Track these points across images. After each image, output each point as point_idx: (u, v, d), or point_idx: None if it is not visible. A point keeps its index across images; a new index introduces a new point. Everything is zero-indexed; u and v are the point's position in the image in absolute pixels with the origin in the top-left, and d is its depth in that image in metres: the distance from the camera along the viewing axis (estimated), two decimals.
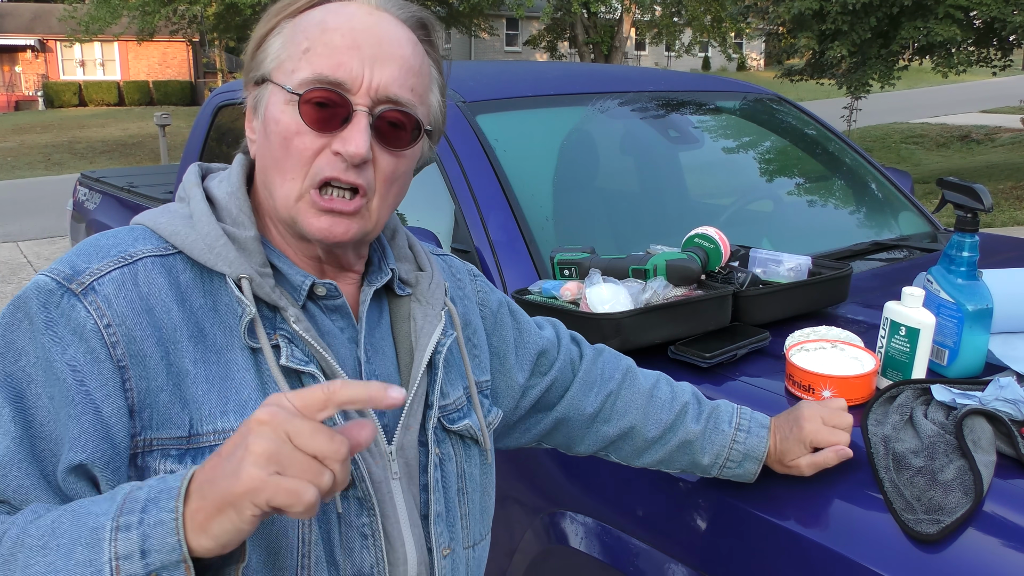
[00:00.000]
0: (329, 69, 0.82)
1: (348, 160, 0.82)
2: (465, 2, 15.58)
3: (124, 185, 3.73)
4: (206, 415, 0.79)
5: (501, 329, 1.12)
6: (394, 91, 0.84)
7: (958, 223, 1.44)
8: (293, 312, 0.84)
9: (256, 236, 0.86)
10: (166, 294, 0.81)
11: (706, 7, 16.95)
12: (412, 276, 0.98)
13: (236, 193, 0.89)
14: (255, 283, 0.83)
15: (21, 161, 16.50)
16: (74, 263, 0.80)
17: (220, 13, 15.27)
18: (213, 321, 0.83)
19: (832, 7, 10.52)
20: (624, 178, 2.41)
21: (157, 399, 0.78)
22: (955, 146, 15.09)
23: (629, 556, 1.38)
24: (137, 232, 0.86)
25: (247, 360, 0.82)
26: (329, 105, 0.82)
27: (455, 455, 0.97)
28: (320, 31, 0.84)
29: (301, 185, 0.84)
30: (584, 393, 1.19)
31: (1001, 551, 1.03)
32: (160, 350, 0.79)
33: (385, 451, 0.89)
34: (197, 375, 0.80)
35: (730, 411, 1.22)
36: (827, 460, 1.16)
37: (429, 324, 0.95)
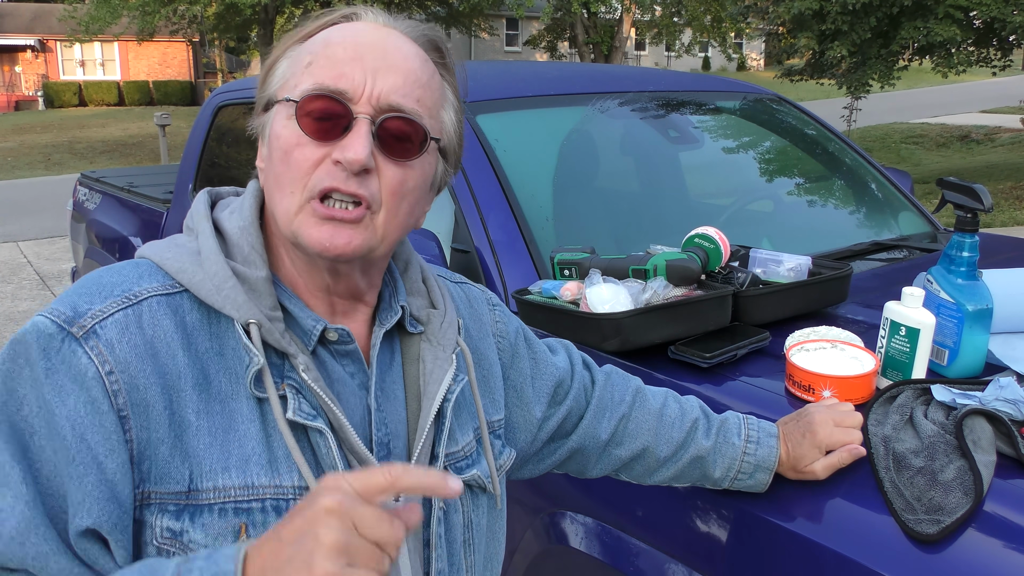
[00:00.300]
0: (330, 79, 0.80)
1: (348, 167, 0.78)
2: (465, 2, 15.59)
3: (124, 185, 3.73)
4: (207, 471, 0.76)
5: (518, 361, 1.08)
6: (396, 99, 0.81)
7: (958, 223, 1.43)
8: (303, 360, 0.80)
9: (267, 277, 0.82)
10: (171, 337, 0.77)
11: (706, 7, 16.96)
12: (424, 314, 0.94)
13: (248, 228, 0.84)
14: (264, 329, 0.79)
15: (21, 161, 16.50)
16: (75, 304, 0.76)
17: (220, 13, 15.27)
18: (219, 366, 0.79)
19: (832, 7, 10.52)
20: (624, 178, 2.41)
21: (157, 451, 0.75)
22: (955, 146, 15.09)
23: (629, 556, 1.38)
24: (143, 268, 0.82)
25: (252, 410, 0.79)
26: (329, 115, 0.79)
27: (461, 506, 0.93)
28: (323, 46, 0.82)
29: (300, 197, 0.80)
30: (598, 420, 1.15)
31: (1001, 551, 1.03)
32: (163, 399, 0.75)
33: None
34: (200, 427, 0.76)
35: (738, 423, 1.21)
36: (841, 460, 1.16)
37: (439, 369, 0.91)
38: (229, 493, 0.76)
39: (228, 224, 0.85)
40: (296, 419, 0.78)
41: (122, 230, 3.50)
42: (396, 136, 0.81)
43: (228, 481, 0.76)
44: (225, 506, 0.76)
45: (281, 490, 0.78)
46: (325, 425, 0.80)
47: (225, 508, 0.76)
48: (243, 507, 0.76)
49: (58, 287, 6.70)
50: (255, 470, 0.77)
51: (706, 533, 1.28)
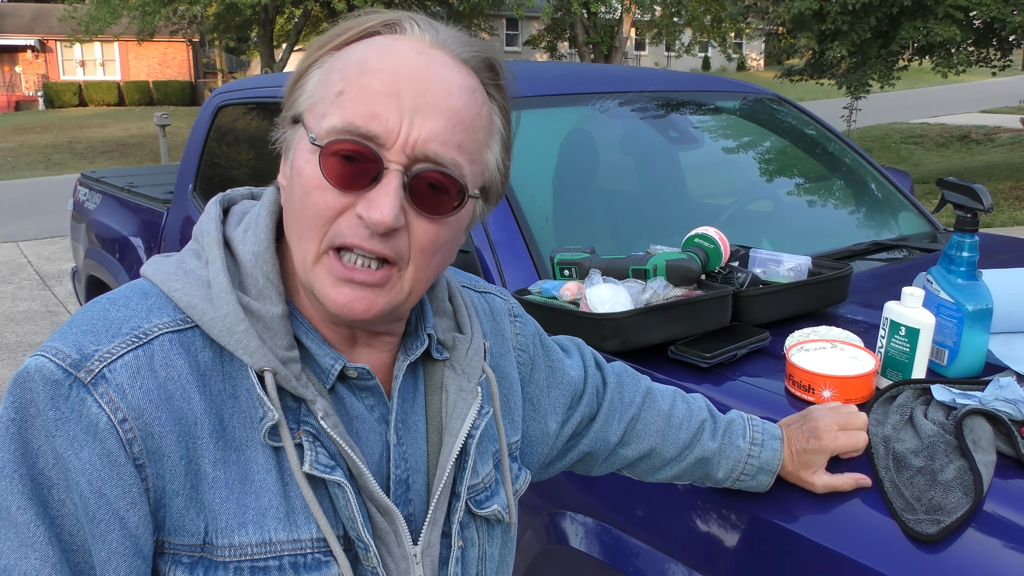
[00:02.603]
0: (362, 119, 0.70)
1: (372, 228, 0.70)
2: (465, 2, 15.59)
3: (124, 185, 3.73)
4: (223, 527, 0.71)
5: (536, 373, 1.03)
6: (434, 148, 0.71)
7: (958, 223, 1.44)
8: (321, 405, 0.74)
9: (283, 313, 0.75)
10: (186, 380, 0.71)
11: (706, 7, 16.97)
12: (450, 338, 0.87)
13: (263, 255, 0.76)
14: (280, 376, 0.73)
15: (21, 161, 16.50)
16: (80, 344, 0.69)
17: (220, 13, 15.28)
18: (233, 410, 0.73)
19: (832, 7, 10.53)
20: (624, 178, 2.41)
21: (172, 502, 0.70)
22: (955, 146, 15.09)
23: (629, 556, 1.38)
24: (151, 300, 0.74)
25: (268, 459, 0.74)
26: (357, 159, 0.70)
27: (478, 539, 0.89)
28: (359, 72, 0.72)
29: (318, 247, 0.73)
30: (609, 422, 1.12)
31: (1001, 551, 1.03)
32: (180, 448, 0.70)
33: (410, 554, 0.80)
34: (216, 478, 0.71)
35: (743, 425, 1.20)
36: (844, 484, 1.16)
37: (463, 402, 0.84)
38: (246, 551, 0.72)
39: (242, 248, 0.78)
40: (314, 472, 0.73)
41: (122, 230, 3.50)
42: (432, 188, 0.72)
43: (245, 538, 0.72)
44: (241, 565, 0.72)
45: (299, 544, 0.74)
46: (344, 476, 0.75)
47: (241, 567, 0.72)
48: (259, 565, 0.73)
49: (58, 287, 6.70)
50: (272, 524, 0.73)
51: (706, 533, 1.28)
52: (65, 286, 6.69)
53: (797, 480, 1.19)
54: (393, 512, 0.78)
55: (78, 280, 4.17)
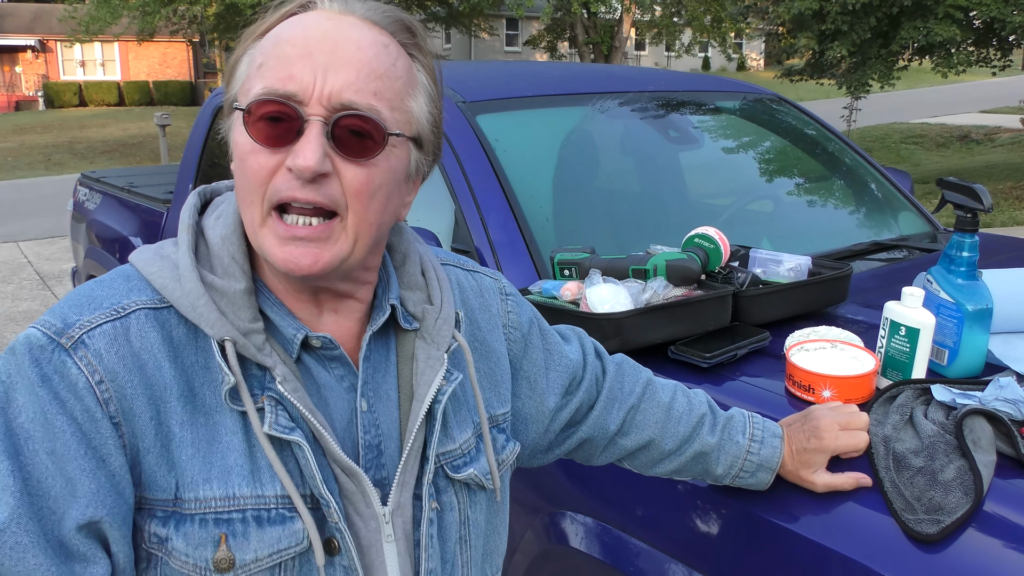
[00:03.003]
0: (279, 82, 0.76)
1: (300, 175, 0.75)
2: (465, 2, 15.58)
3: (124, 185, 3.73)
4: (189, 482, 0.77)
5: (531, 352, 1.06)
6: (349, 96, 0.76)
7: (958, 223, 1.44)
8: (280, 371, 0.80)
9: (246, 289, 0.81)
10: (158, 350, 0.78)
11: (706, 7, 16.95)
12: (420, 309, 0.91)
13: (229, 237, 0.83)
14: (239, 344, 0.79)
15: (21, 161, 16.50)
16: (65, 315, 0.77)
17: (220, 13, 15.27)
18: (204, 380, 0.79)
19: (832, 7, 10.53)
20: (624, 178, 2.41)
21: (145, 459, 0.77)
22: (955, 146, 15.09)
23: (629, 556, 1.38)
24: (132, 282, 0.82)
25: (235, 423, 0.79)
26: (280, 119, 0.76)
27: (458, 503, 0.92)
28: (274, 44, 0.78)
29: (261, 210, 0.78)
30: (608, 410, 1.14)
31: (1001, 551, 1.03)
32: (150, 409, 0.77)
33: (379, 513, 0.85)
34: (183, 438, 0.77)
35: (743, 421, 1.20)
36: (844, 484, 1.16)
37: (430, 369, 0.88)
38: (210, 504, 0.77)
39: (212, 233, 0.85)
40: (273, 433, 0.78)
41: (122, 230, 3.50)
42: (353, 132, 0.77)
43: (209, 492, 0.77)
44: (206, 517, 0.77)
45: (263, 500, 0.79)
46: (303, 437, 0.79)
47: (206, 519, 0.77)
48: (223, 518, 0.77)
49: (58, 287, 6.70)
50: (237, 481, 0.78)
51: (706, 533, 1.28)
52: (65, 286, 6.69)
53: (797, 479, 1.19)
54: (357, 473, 0.82)
55: (78, 280, 4.17)
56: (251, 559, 0.78)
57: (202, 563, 0.77)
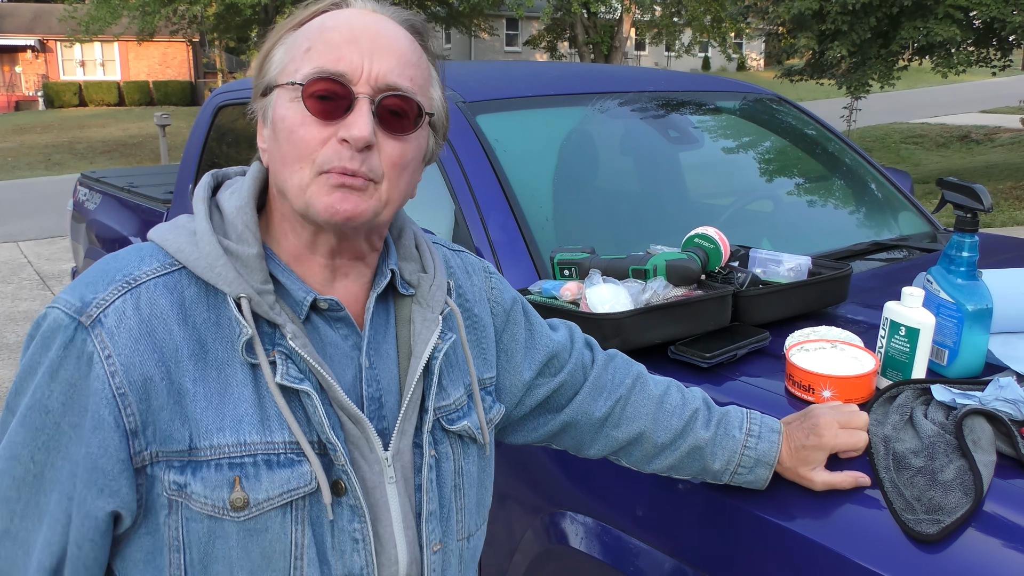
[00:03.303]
0: (330, 63, 0.85)
1: (353, 144, 0.84)
2: (465, 2, 15.59)
3: (124, 185, 3.73)
4: (203, 431, 0.84)
5: (513, 327, 1.14)
6: (393, 79, 0.87)
7: (958, 223, 1.44)
8: (291, 329, 0.87)
9: (258, 253, 0.88)
10: (168, 314, 0.85)
11: (706, 7, 16.96)
12: (415, 278, 1.00)
13: (244, 208, 0.91)
14: (254, 302, 0.86)
15: (21, 161, 16.50)
16: (83, 294, 0.84)
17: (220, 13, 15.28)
18: (216, 336, 0.86)
19: (832, 7, 10.53)
20: (624, 178, 2.41)
21: (159, 417, 0.83)
22: (955, 146, 15.09)
23: (629, 556, 1.38)
24: (145, 251, 0.89)
25: (246, 375, 0.86)
26: (332, 96, 0.85)
27: (453, 454, 1.00)
28: (320, 31, 0.88)
29: (310, 172, 0.86)
30: (593, 398, 1.19)
31: (1001, 551, 1.03)
32: (161, 370, 0.84)
33: (381, 457, 0.92)
34: (196, 393, 0.84)
35: (740, 417, 1.21)
36: (843, 482, 1.16)
37: (427, 329, 0.97)
38: (223, 450, 0.84)
39: (227, 204, 0.92)
40: (284, 382, 0.85)
41: (122, 230, 3.50)
42: (394, 113, 0.87)
43: (222, 440, 0.84)
44: (220, 462, 0.84)
45: (272, 446, 0.86)
46: (311, 387, 0.87)
47: (220, 463, 0.84)
48: (236, 462, 0.85)
49: (58, 287, 6.70)
50: (247, 429, 0.85)
51: (706, 533, 1.28)
52: (65, 286, 6.69)
53: (796, 477, 1.19)
54: (362, 419, 0.91)
55: None
56: (264, 498, 0.85)
57: (220, 503, 0.84)
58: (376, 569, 0.92)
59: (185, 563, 0.85)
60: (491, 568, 1.70)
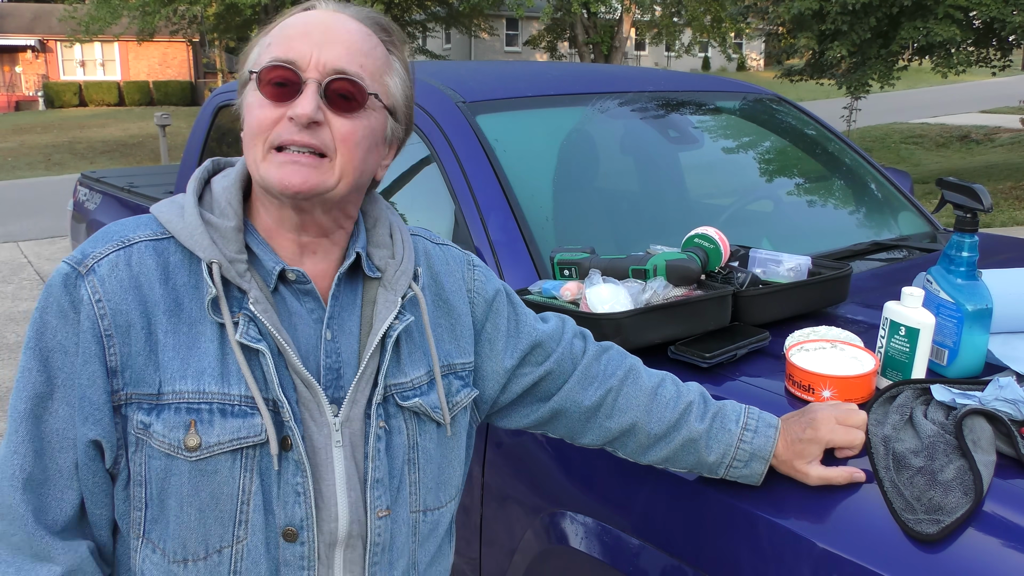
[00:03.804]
0: (283, 53, 0.96)
1: (296, 120, 0.94)
2: (465, 2, 15.58)
3: (124, 185, 3.73)
4: (168, 378, 0.95)
5: (496, 317, 1.20)
6: (340, 65, 0.96)
7: (958, 223, 1.44)
8: (255, 295, 0.97)
9: (236, 227, 0.99)
10: (153, 273, 0.96)
11: (706, 7, 16.96)
12: (384, 263, 1.08)
13: (230, 187, 1.03)
14: (224, 268, 0.96)
15: (21, 161, 16.50)
16: (84, 249, 0.97)
17: (220, 13, 15.27)
18: (193, 297, 0.97)
19: (832, 7, 10.52)
20: (624, 178, 2.41)
21: (136, 361, 0.95)
22: (955, 146, 15.10)
23: (629, 556, 1.38)
24: (142, 220, 1.01)
25: (214, 333, 0.97)
26: (284, 83, 0.95)
27: (406, 428, 1.07)
28: (280, 29, 1.00)
29: (263, 148, 0.96)
30: (583, 387, 1.23)
31: (1001, 551, 1.03)
32: (142, 320, 0.95)
33: (331, 422, 1.01)
34: (167, 344, 0.95)
35: (738, 411, 1.22)
36: (838, 477, 1.17)
37: (386, 309, 1.05)
38: (183, 396, 0.94)
39: (216, 185, 1.04)
40: (243, 341, 0.95)
41: None
42: (341, 94, 0.96)
43: (183, 386, 0.95)
44: (180, 406, 0.94)
45: (228, 397, 0.95)
46: (267, 348, 0.96)
47: (179, 407, 0.94)
48: (194, 407, 0.95)
49: None
50: (208, 380, 0.95)
51: (706, 533, 1.28)
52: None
53: (791, 470, 1.19)
54: (313, 384, 0.99)
55: None
56: (214, 442, 0.94)
57: (175, 443, 0.94)
58: (316, 523, 0.99)
59: (146, 497, 0.96)
60: (491, 568, 1.70)
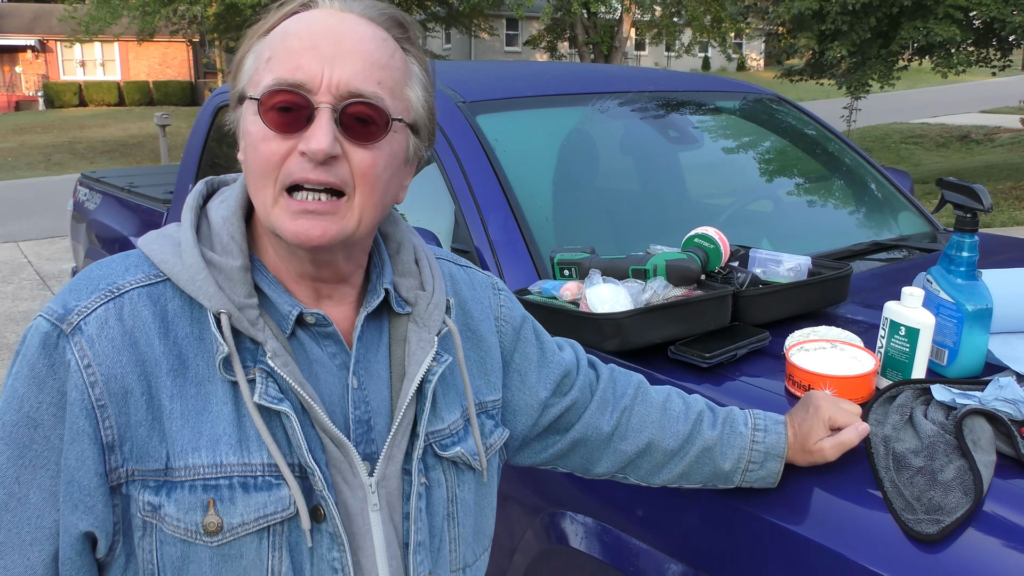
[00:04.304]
0: (288, 72, 0.81)
1: (312, 157, 0.81)
2: (465, 2, 15.58)
3: (124, 185, 3.73)
4: (179, 451, 0.81)
5: (523, 346, 1.10)
6: (356, 85, 0.82)
7: (958, 223, 1.44)
8: (272, 346, 0.84)
9: (243, 266, 0.86)
10: (150, 327, 0.82)
11: (706, 7, 16.95)
12: (413, 295, 0.96)
13: (230, 218, 0.88)
14: (234, 318, 0.83)
15: (21, 161, 16.50)
16: (66, 301, 0.83)
17: (220, 13, 15.27)
18: (198, 351, 0.84)
19: (832, 7, 10.52)
20: (624, 178, 2.41)
21: (137, 432, 0.81)
22: (955, 146, 15.09)
23: (629, 556, 1.38)
24: (131, 260, 0.87)
25: (226, 393, 0.83)
26: (291, 108, 0.81)
27: (446, 480, 0.95)
28: (281, 38, 0.84)
29: (274, 190, 0.83)
30: (600, 412, 1.16)
31: (1001, 551, 1.03)
32: (142, 384, 0.81)
33: (365, 483, 0.88)
34: (173, 410, 0.81)
35: (744, 414, 1.21)
36: (851, 440, 1.16)
37: (421, 350, 0.93)
38: (198, 471, 0.81)
39: (214, 215, 0.90)
40: (262, 402, 0.82)
41: (122, 230, 3.50)
42: (359, 120, 0.83)
43: (198, 460, 0.81)
44: (195, 483, 0.81)
45: (250, 467, 0.82)
46: (290, 408, 0.83)
47: (195, 485, 0.81)
48: (211, 483, 0.81)
49: (58, 287, 6.70)
50: (224, 449, 0.82)
51: (706, 533, 1.28)
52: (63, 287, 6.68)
53: (807, 456, 1.18)
54: (345, 443, 0.87)
55: None
56: (238, 523, 0.82)
57: (192, 527, 0.81)
58: None
59: None
60: (491, 568, 1.69)
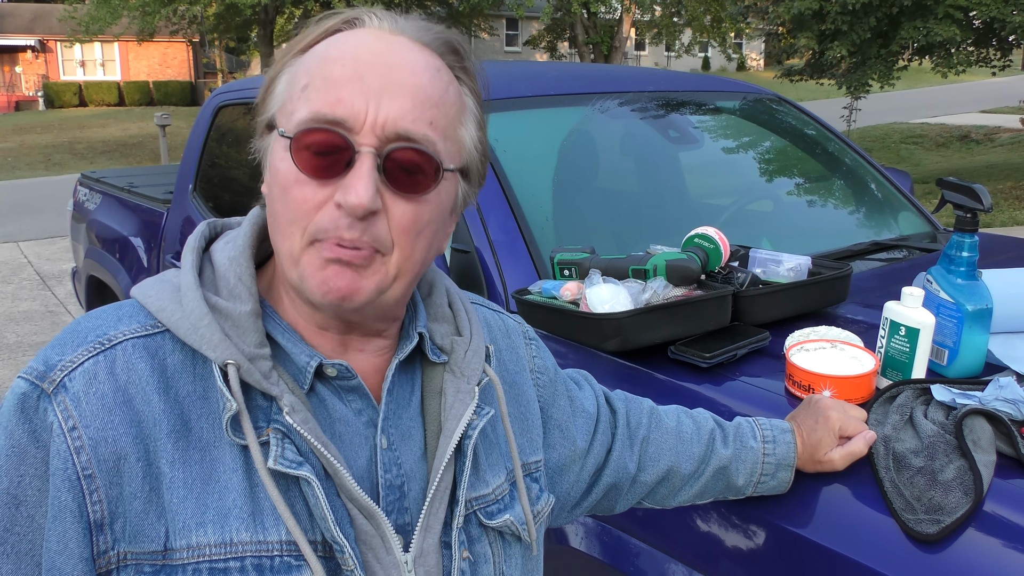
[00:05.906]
0: (328, 107, 0.70)
1: (349, 212, 0.69)
2: (465, 2, 15.59)
3: (124, 185, 3.73)
4: (180, 527, 0.69)
5: (559, 399, 1.00)
6: (405, 126, 0.70)
7: (958, 223, 1.44)
8: (289, 401, 0.72)
9: (252, 311, 0.74)
10: (147, 382, 0.71)
11: (706, 7, 16.96)
12: (448, 342, 0.84)
13: (238, 259, 0.77)
14: (243, 370, 0.71)
15: (21, 161, 16.50)
16: (48, 357, 0.71)
17: (220, 13, 15.28)
18: (201, 411, 0.72)
19: (832, 7, 10.53)
20: (624, 178, 2.41)
21: (130, 507, 0.69)
22: (955, 146, 15.09)
23: (629, 556, 1.38)
24: (124, 310, 0.76)
25: (236, 459, 0.71)
26: (329, 151, 0.70)
27: (492, 555, 0.83)
28: (321, 64, 0.72)
29: (301, 240, 0.71)
30: (624, 451, 1.08)
31: (1001, 551, 1.03)
32: (137, 449, 0.69)
33: (400, 560, 0.76)
34: (174, 479, 0.69)
35: (751, 426, 1.19)
36: (860, 450, 1.16)
37: (460, 403, 0.81)
38: (204, 552, 0.69)
39: (219, 256, 0.78)
40: (278, 468, 0.70)
41: (122, 230, 3.50)
42: (406, 169, 0.71)
43: (203, 538, 0.69)
44: (200, 566, 0.69)
45: (265, 546, 0.70)
46: (312, 472, 0.71)
47: (200, 568, 0.69)
48: (219, 567, 0.69)
49: (58, 287, 6.70)
50: (235, 524, 0.70)
51: (706, 533, 1.28)
52: (65, 286, 6.69)
53: (815, 465, 1.18)
54: (376, 513, 0.75)
55: (78, 280, 4.17)
56: None
57: None
58: None
59: None
60: None
